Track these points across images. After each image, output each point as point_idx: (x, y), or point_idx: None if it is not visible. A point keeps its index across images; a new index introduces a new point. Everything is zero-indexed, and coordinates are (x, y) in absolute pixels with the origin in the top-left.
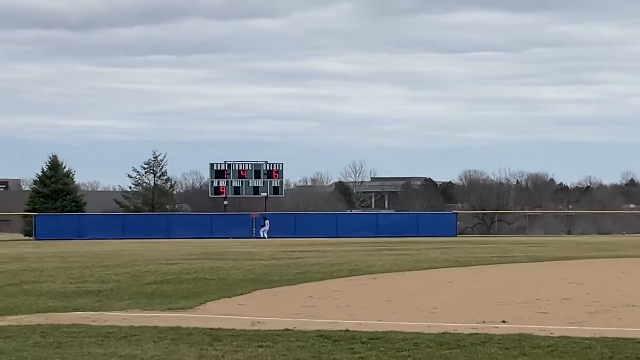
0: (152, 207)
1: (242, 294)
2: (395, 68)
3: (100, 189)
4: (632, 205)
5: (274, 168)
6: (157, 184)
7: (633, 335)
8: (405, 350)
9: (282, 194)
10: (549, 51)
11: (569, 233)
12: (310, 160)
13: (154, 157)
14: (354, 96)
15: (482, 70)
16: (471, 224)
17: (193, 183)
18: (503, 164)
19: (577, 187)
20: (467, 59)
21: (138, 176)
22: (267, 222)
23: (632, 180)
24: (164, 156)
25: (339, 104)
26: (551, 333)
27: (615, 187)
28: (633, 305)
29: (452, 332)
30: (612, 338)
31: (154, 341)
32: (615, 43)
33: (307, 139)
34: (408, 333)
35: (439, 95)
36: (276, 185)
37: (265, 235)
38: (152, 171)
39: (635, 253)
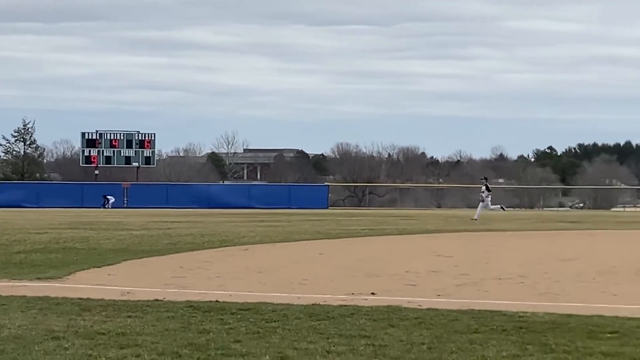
0: (22, 176)
1: (112, 264)
2: (268, 40)
3: None
4: (500, 180)
5: (146, 138)
6: (27, 153)
7: (499, 307)
8: (275, 321)
9: (154, 164)
10: (419, 25)
11: (439, 206)
12: (182, 130)
13: (24, 126)
14: (227, 67)
15: (354, 44)
16: (343, 197)
17: (64, 152)
18: (375, 137)
19: (447, 161)
20: (339, 32)
21: (7, 144)
22: (111, 198)
23: (501, 155)
24: (34, 124)
25: (212, 74)
26: (419, 305)
27: (484, 162)
28: (500, 278)
29: (321, 303)
30: (479, 310)
31: (21, 311)
32: (485, 19)
33: (180, 110)
34: (278, 304)
35: (311, 67)
36: (148, 155)
37: (110, 206)
38: (22, 139)
39: (503, 227)
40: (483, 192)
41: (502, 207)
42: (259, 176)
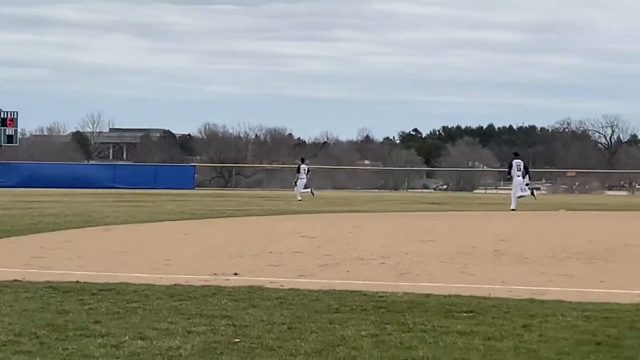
0: None
1: None
2: (134, 18)
3: None
4: (366, 162)
5: (8, 116)
6: None
7: (359, 287)
8: (136, 302)
9: (16, 143)
10: (286, 6)
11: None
12: (46, 109)
13: None
14: (92, 46)
15: (222, 23)
16: (209, 177)
17: None
18: (242, 118)
19: (314, 143)
20: (206, 11)
21: None
22: None
23: (367, 137)
24: None
25: (77, 53)
26: (281, 285)
27: (351, 143)
28: (361, 259)
29: (183, 284)
30: (340, 290)
31: None
32: (351, 1)
33: (44, 88)
34: (139, 285)
35: (178, 47)
36: (10, 133)
37: None
38: None
39: (368, 208)
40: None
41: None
42: (124, 156)
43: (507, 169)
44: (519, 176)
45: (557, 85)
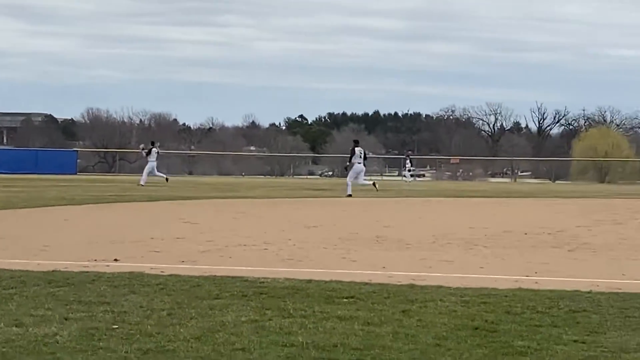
0: None
1: None
2: (14, 1)
3: None
4: (252, 147)
5: None
6: None
7: (241, 273)
8: (12, 288)
9: None
10: None
11: (191, 173)
12: None
13: None
14: None
15: (107, 7)
16: (93, 162)
17: None
18: (126, 103)
19: (199, 128)
20: None
21: None
22: None
23: (253, 123)
24: None
25: None
26: (162, 271)
27: (237, 129)
28: (244, 245)
29: (62, 270)
30: (221, 276)
31: None
32: None
33: None
34: (16, 271)
35: (61, 30)
36: None
37: None
38: None
39: (253, 194)
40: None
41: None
42: (5, 140)
43: (349, 157)
44: (359, 163)
45: (442, 72)
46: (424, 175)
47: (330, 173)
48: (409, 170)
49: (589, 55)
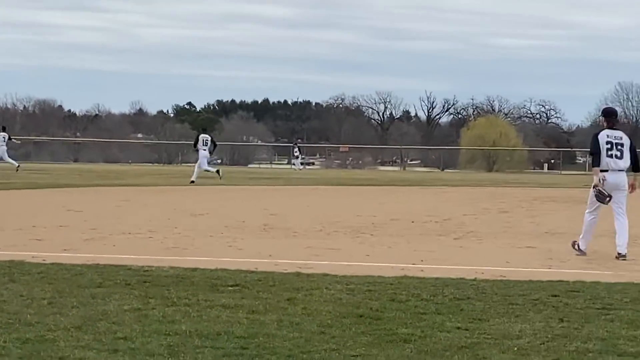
0: None
1: None
2: None
3: None
4: (139, 135)
5: None
6: None
7: (125, 262)
8: None
9: None
10: None
11: (76, 161)
12: None
13: None
14: None
15: None
16: None
17: None
18: (10, 89)
19: (85, 115)
20: None
21: None
22: None
23: (140, 110)
24: None
25: None
26: (44, 260)
27: (123, 116)
28: (129, 233)
29: None
30: (104, 265)
31: None
32: None
33: None
34: None
35: None
36: None
37: None
38: None
39: (139, 182)
40: None
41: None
42: None
43: (193, 143)
44: (204, 150)
45: (332, 61)
46: (313, 164)
47: (219, 161)
48: (298, 158)
49: (478, 44)
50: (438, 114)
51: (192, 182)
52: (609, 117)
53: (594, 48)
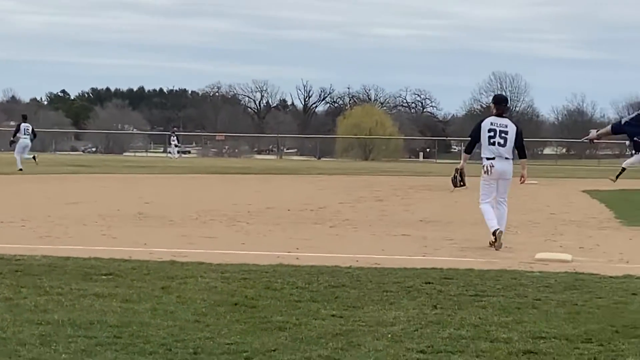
0: None
1: None
2: None
3: None
4: (12, 122)
5: None
6: None
7: None
8: None
9: None
10: None
11: None
12: None
13: None
14: None
15: None
16: None
17: None
18: None
19: None
20: None
21: None
22: None
23: (13, 97)
24: None
25: None
26: None
27: None
28: (0, 222)
29: None
30: None
31: None
32: None
33: None
34: None
35: None
36: None
37: None
38: None
39: (9, 170)
40: None
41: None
42: None
43: (14, 132)
44: (25, 138)
45: (207, 49)
46: (189, 152)
47: (94, 149)
48: (176, 147)
49: (355, 34)
50: (314, 103)
51: (20, 169)
52: (499, 104)
53: (469, 38)
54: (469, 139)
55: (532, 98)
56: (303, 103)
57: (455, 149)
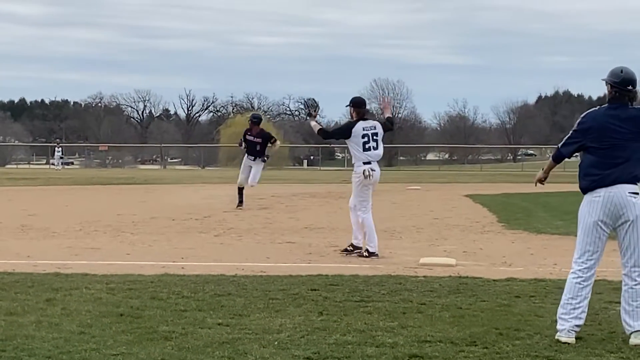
0: None
1: None
2: None
3: None
4: None
5: None
6: None
7: None
8: None
9: None
10: None
11: None
12: None
13: None
14: None
15: None
16: None
17: None
18: None
19: None
20: None
21: None
22: None
23: None
24: None
25: None
26: None
27: None
28: None
29: None
30: None
31: None
32: None
33: None
34: None
35: None
36: None
37: None
38: None
39: None
40: None
41: None
42: None
43: None
44: None
45: (88, 59)
46: (72, 163)
47: None
48: (60, 158)
49: (233, 42)
50: (198, 112)
51: None
52: (359, 107)
53: (348, 46)
54: (334, 133)
55: (414, 105)
56: (186, 112)
57: (339, 156)
